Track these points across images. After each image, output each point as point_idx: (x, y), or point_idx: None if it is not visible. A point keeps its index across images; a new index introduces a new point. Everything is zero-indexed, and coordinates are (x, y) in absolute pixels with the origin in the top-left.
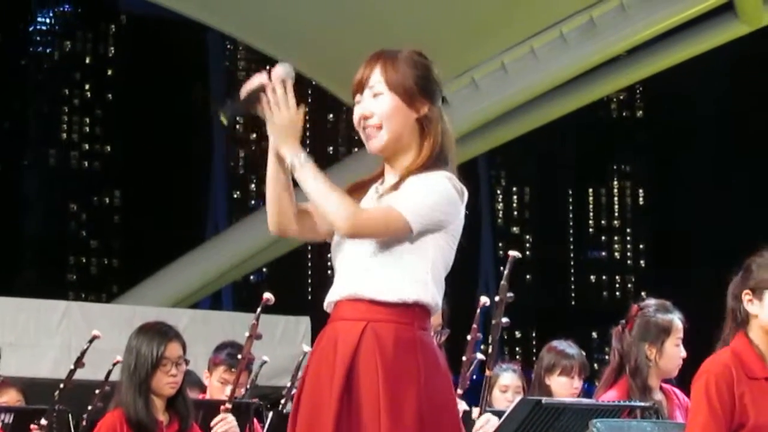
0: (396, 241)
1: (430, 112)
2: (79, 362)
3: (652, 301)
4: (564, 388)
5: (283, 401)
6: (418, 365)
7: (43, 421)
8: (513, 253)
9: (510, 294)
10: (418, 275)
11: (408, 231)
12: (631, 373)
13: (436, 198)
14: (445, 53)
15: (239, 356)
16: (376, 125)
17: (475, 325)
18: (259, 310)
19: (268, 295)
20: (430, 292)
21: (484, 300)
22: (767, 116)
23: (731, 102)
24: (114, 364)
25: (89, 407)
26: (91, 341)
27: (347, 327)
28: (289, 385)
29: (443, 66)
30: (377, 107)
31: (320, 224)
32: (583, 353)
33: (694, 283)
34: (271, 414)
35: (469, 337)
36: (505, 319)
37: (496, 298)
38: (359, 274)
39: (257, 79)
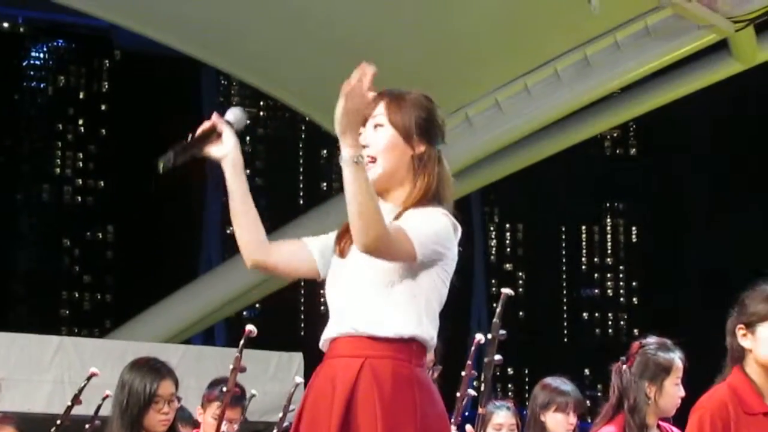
0: (391, 277)
1: (426, 152)
2: (76, 399)
3: (653, 339)
4: (560, 425)
5: None
6: (415, 402)
7: None
8: (506, 291)
9: (503, 332)
10: (413, 311)
11: (413, 258)
12: (629, 411)
13: (437, 230)
14: (439, 90)
15: (224, 389)
16: (371, 157)
17: (469, 362)
18: (242, 342)
19: (250, 327)
20: (425, 327)
21: (479, 337)
22: (763, 155)
23: (726, 140)
24: (104, 399)
25: None
26: (88, 378)
27: (345, 364)
28: (280, 417)
29: (437, 103)
30: (375, 139)
31: (300, 263)
32: (577, 389)
33: (687, 320)
34: None
35: (463, 374)
36: (498, 357)
37: (489, 336)
38: (355, 311)
39: (207, 123)
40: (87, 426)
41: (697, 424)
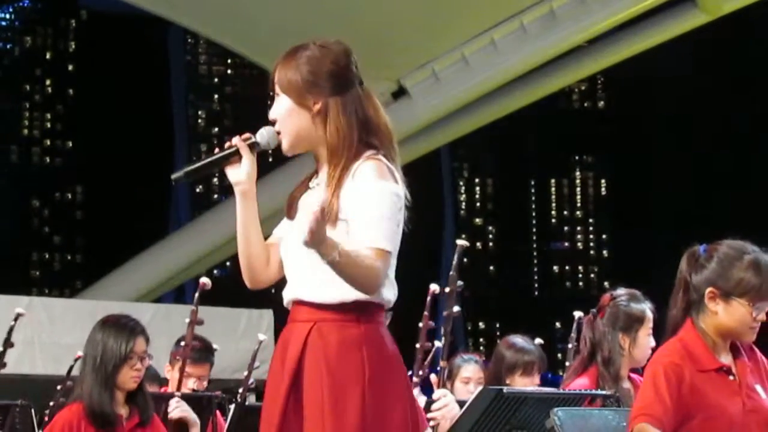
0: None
1: (324, 106)
2: (7, 343)
3: (623, 291)
4: (524, 386)
5: (240, 392)
6: (362, 364)
7: None
8: (460, 242)
9: (460, 282)
10: None
11: (390, 256)
12: (603, 362)
13: (389, 211)
14: (406, 45)
15: (183, 344)
16: (276, 130)
17: (426, 313)
18: (196, 295)
19: (204, 280)
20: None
21: (434, 288)
22: (729, 106)
23: (693, 91)
24: (76, 359)
25: (51, 402)
26: (15, 319)
27: (297, 328)
28: (245, 375)
29: (404, 58)
30: (276, 111)
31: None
32: (539, 345)
33: (656, 273)
34: (233, 407)
35: (420, 325)
36: (456, 308)
37: (447, 289)
38: (303, 278)
39: (233, 141)
40: (59, 387)
41: (651, 375)
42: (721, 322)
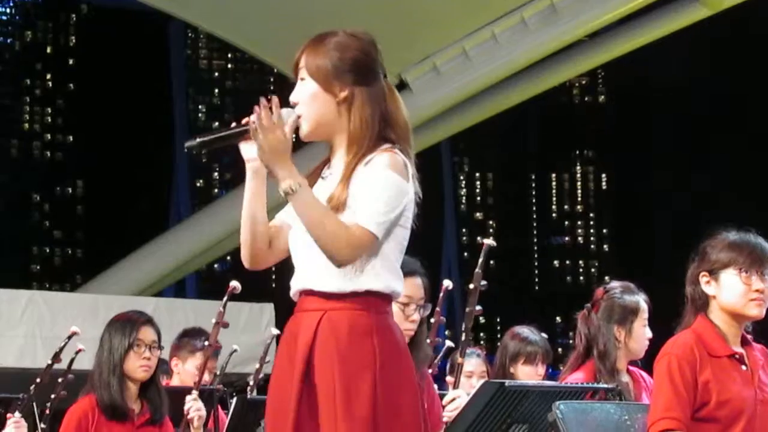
0: None
1: (350, 95)
2: (56, 358)
3: (616, 284)
4: (528, 377)
5: (250, 386)
6: (373, 351)
7: (17, 414)
8: (488, 242)
9: (484, 282)
10: (369, 266)
11: (375, 240)
12: (599, 356)
13: (387, 198)
14: (407, 39)
15: (207, 343)
16: (298, 114)
17: (438, 309)
18: (225, 298)
19: (234, 284)
20: (383, 280)
21: (447, 284)
22: (730, 101)
23: (693, 86)
24: (77, 353)
25: (52, 395)
26: (69, 338)
27: (306, 318)
28: (257, 368)
29: (404, 53)
30: (299, 94)
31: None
32: (546, 338)
33: (658, 267)
34: (235, 400)
35: (432, 320)
36: (478, 307)
37: (470, 286)
38: (311, 269)
39: (251, 117)
40: (60, 380)
41: (666, 368)
42: (721, 302)
